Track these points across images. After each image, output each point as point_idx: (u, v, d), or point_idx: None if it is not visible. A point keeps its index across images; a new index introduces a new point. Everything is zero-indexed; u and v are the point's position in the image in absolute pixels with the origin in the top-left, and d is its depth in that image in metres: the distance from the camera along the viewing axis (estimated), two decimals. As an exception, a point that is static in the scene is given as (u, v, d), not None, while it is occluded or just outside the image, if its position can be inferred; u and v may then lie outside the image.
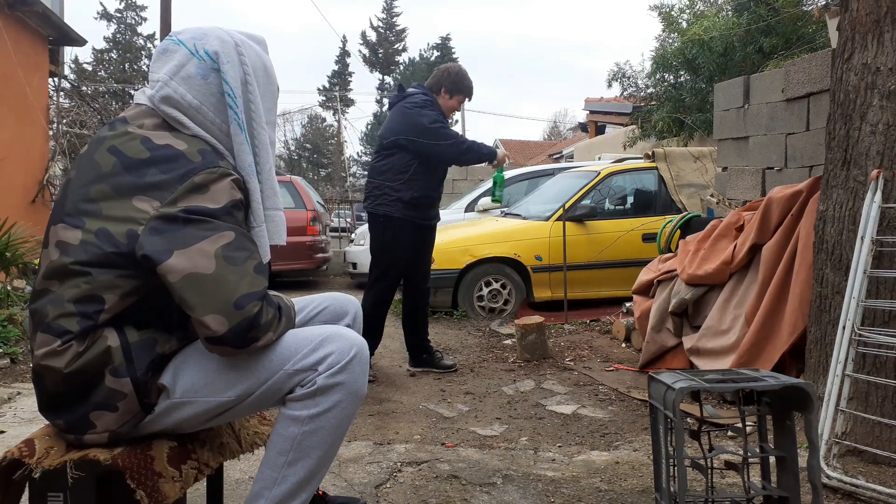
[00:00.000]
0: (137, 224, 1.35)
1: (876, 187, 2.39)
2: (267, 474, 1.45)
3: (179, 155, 1.39)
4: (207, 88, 1.47)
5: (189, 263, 1.33)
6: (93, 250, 1.36)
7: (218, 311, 1.32)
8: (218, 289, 1.33)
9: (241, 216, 1.43)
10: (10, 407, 3.27)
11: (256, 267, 1.39)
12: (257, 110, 1.52)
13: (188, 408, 1.43)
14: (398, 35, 49.57)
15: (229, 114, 1.47)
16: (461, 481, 2.30)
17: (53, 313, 1.37)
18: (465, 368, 4.21)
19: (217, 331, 1.33)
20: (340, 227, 15.04)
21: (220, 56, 1.47)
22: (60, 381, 1.37)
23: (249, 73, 1.50)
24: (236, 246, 1.37)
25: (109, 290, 1.37)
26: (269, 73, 1.57)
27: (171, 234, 1.34)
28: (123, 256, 1.35)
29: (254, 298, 1.35)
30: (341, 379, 1.43)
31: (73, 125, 9.46)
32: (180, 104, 1.46)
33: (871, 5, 2.47)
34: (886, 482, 2.19)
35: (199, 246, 1.34)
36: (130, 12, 39.70)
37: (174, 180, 1.36)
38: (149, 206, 1.35)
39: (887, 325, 2.37)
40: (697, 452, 1.86)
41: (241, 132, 1.48)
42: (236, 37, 1.52)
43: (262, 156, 1.52)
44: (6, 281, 5.10)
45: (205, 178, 1.37)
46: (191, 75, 1.46)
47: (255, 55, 1.54)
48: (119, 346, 1.37)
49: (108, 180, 1.38)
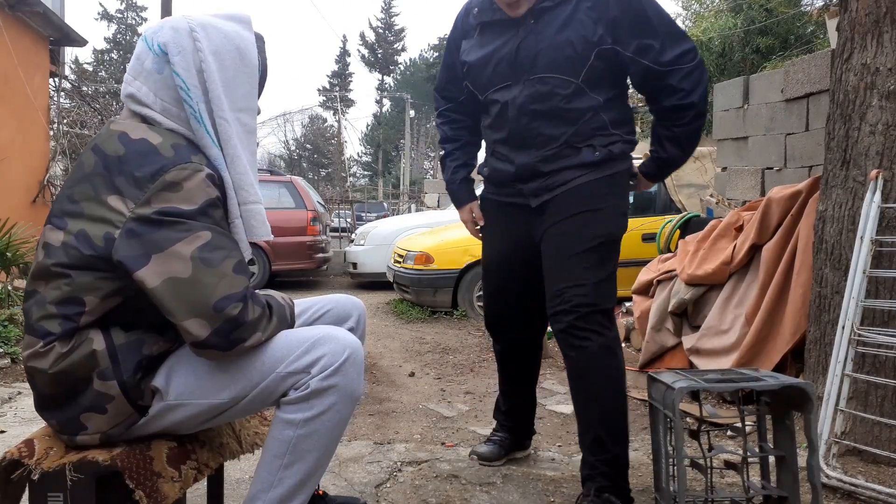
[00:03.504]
0: (114, 227, 1.33)
1: (875, 187, 2.39)
2: (264, 477, 1.44)
3: (153, 150, 1.36)
4: (164, 82, 1.41)
5: (164, 268, 1.30)
6: (72, 252, 1.35)
7: (198, 315, 1.30)
8: (195, 292, 1.30)
9: (218, 214, 1.38)
10: (10, 407, 3.27)
11: (236, 266, 1.35)
12: (217, 99, 1.42)
13: (182, 410, 1.42)
14: (397, 35, 49.60)
15: (184, 106, 1.41)
16: (461, 481, 2.30)
17: (37, 314, 1.37)
18: (465, 368, 4.21)
19: (199, 335, 1.31)
20: (340, 227, 15.03)
21: (168, 47, 1.41)
22: (48, 382, 1.36)
23: (205, 60, 1.41)
24: (213, 246, 1.33)
25: (89, 292, 1.35)
26: (243, 53, 1.46)
27: (145, 237, 1.31)
28: (101, 259, 1.34)
29: (234, 300, 1.32)
30: (335, 381, 1.41)
31: (73, 125, 9.46)
32: (144, 101, 1.42)
33: (870, 6, 2.47)
34: (886, 482, 2.19)
35: (173, 249, 1.30)
36: (130, 12, 39.73)
37: (146, 178, 1.32)
38: (123, 206, 1.33)
39: (887, 325, 2.37)
40: (697, 452, 1.86)
41: (199, 125, 1.41)
42: (196, 21, 1.44)
43: (229, 146, 1.44)
44: (6, 281, 5.10)
45: (176, 175, 1.33)
46: (149, 71, 1.42)
47: (221, 37, 1.44)
48: (104, 348, 1.36)
49: (89, 180, 1.37)
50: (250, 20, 1.53)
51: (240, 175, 1.45)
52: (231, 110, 1.45)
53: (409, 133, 36.39)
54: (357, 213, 17.89)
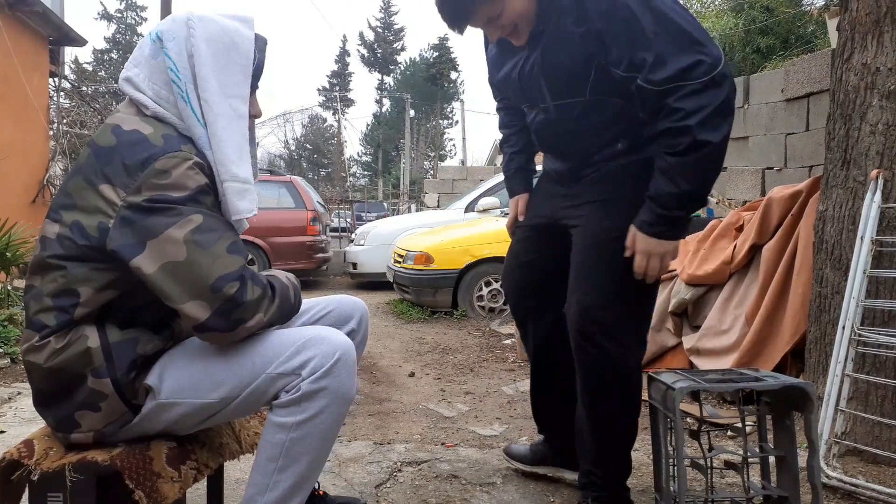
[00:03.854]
0: (107, 217, 1.35)
1: (875, 187, 2.39)
2: (258, 480, 1.44)
3: (143, 139, 1.38)
4: (157, 67, 1.46)
5: (160, 253, 1.32)
6: (67, 244, 1.37)
7: (196, 297, 1.32)
8: (192, 274, 1.32)
9: (209, 201, 1.40)
10: (10, 407, 3.27)
11: (230, 247, 1.37)
12: (204, 80, 1.45)
13: (174, 409, 1.42)
14: (396, 34, 49.60)
15: (173, 88, 1.45)
16: (461, 481, 2.30)
17: (34, 308, 1.38)
18: (465, 368, 4.21)
19: (199, 317, 1.33)
20: (340, 227, 15.04)
21: (164, 34, 1.47)
22: (43, 377, 1.37)
23: (196, 45, 1.45)
24: (205, 228, 1.35)
25: (84, 284, 1.36)
26: (238, 45, 1.49)
27: (137, 225, 1.33)
28: (95, 250, 1.35)
29: (230, 279, 1.34)
30: (326, 384, 1.40)
31: (73, 125, 9.46)
32: (138, 86, 1.46)
33: (870, 5, 2.47)
34: (886, 482, 2.19)
35: (167, 234, 1.32)
36: (130, 12, 39.74)
37: (136, 166, 1.35)
38: (114, 195, 1.35)
39: (887, 325, 2.37)
40: (697, 452, 1.86)
41: (185, 104, 1.45)
42: (197, 15, 1.49)
43: (214, 127, 1.45)
44: (6, 281, 5.10)
45: (165, 163, 1.35)
46: (146, 57, 1.48)
47: (218, 29, 1.48)
48: (99, 346, 1.36)
49: (82, 172, 1.39)
50: (252, 21, 1.57)
51: (222, 154, 1.46)
52: (222, 95, 1.47)
53: (409, 133, 36.39)
54: (357, 213, 17.88)
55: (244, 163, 1.48)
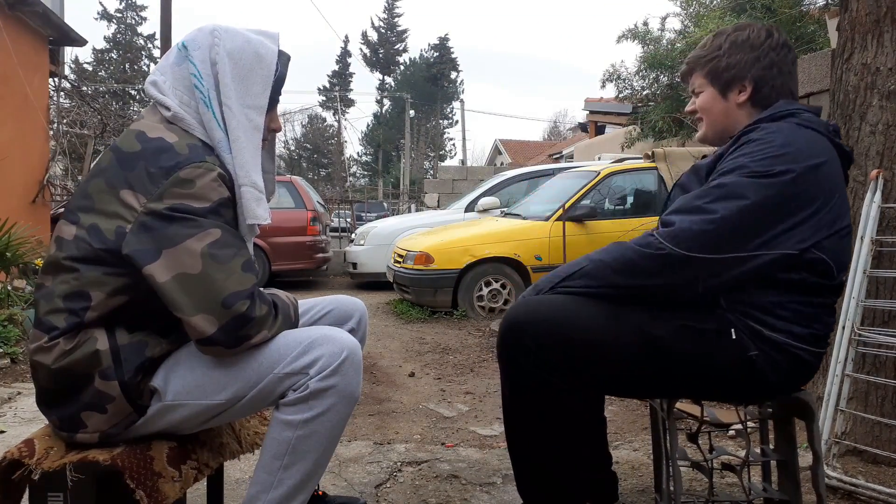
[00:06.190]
0: (125, 221, 1.35)
1: (876, 187, 2.39)
2: (263, 478, 1.44)
3: (168, 147, 1.39)
4: (181, 74, 1.49)
5: (175, 264, 1.32)
6: (83, 246, 1.37)
7: (206, 311, 1.32)
8: (205, 288, 1.32)
9: (229, 214, 1.42)
10: (10, 407, 3.27)
11: (244, 265, 1.38)
12: (226, 87, 1.48)
13: (180, 410, 1.42)
14: (399, 35, 49.60)
15: (195, 93, 1.48)
16: (461, 481, 2.30)
17: (44, 308, 1.39)
18: (465, 368, 4.21)
19: (206, 331, 1.33)
20: (340, 227, 15.03)
21: (189, 43, 1.50)
22: (50, 377, 1.38)
23: (220, 55, 1.48)
24: (223, 244, 1.36)
25: (96, 287, 1.37)
26: (261, 57, 1.52)
27: (156, 233, 1.34)
28: (111, 253, 1.36)
29: (242, 297, 1.34)
30: (333, 382, 1.41)
31: (73, 125, 9.46)
32: (162, 90, 1.49)
33: (870, 5, 2.47)
34: (886, 482, 2.19)
35: (184, 245, 1.33)
36: (130, 12, 39.73)
37: (160, 174, 1.36)
38: (135, 201, 1.35)
39: (887, 325, 2.37)
40: (697, 453, 1.86)
41: (207, 108, 1.47)
42: (223, 27, 1.53)
43: (236, 131, 1.48)
44: (6, 281, 5.10)
45: (190, 172, 1.36)
46: (170, 63, 1.52)
47: (243, 40, 1.51)
48: (108, 348, 1.37)
49: (103, 175, 1.40)
50: (277, 36, 1.59)
51: (242, 158, 1.48)
52: (240, 104, 1.49)
53: (409, 133, 36.39)
54: (357, 213, 17.87)
55: (257, 172, 1.50)
